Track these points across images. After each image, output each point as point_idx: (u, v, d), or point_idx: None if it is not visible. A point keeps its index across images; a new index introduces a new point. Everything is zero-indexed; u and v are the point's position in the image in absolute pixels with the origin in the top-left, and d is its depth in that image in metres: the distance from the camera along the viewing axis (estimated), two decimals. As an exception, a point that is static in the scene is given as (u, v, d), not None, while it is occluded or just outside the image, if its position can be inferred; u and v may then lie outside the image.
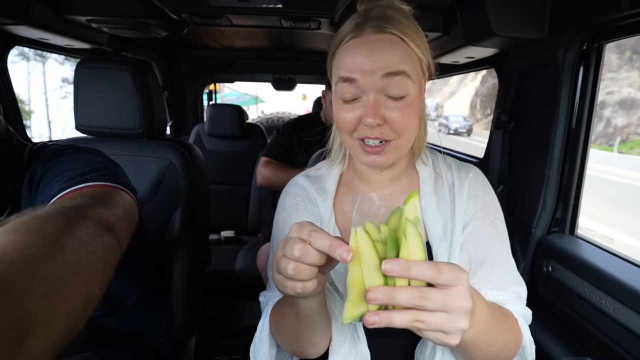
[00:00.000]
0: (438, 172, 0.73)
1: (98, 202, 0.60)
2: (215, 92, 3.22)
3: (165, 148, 1.21)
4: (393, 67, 0.58)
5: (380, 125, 0.60)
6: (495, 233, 0.69)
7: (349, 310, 0.44)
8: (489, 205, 0.70)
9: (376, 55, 0.58)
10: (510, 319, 0.63)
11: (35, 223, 0.42)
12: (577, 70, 1.16)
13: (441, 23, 1.52)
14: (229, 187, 2.43)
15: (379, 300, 0.40)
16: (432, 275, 0.40)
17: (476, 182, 0.71)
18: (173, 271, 1.16)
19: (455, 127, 21.70)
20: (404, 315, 0.40)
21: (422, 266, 0.40)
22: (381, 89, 0.59)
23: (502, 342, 0.57)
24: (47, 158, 0.79)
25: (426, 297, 0.40)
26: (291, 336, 0.64)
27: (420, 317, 0.40)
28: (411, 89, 0.60)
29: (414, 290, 0.40)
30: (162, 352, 1.06)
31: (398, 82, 0.59)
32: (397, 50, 0.59)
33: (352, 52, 0.60)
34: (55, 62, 11.09)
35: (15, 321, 0.31)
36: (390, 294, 0.40)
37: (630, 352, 0.90)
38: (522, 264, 1.28)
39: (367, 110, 0.59)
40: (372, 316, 0.41)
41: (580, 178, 1.20)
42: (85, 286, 0.41)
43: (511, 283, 0.69)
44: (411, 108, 0.61)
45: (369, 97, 0.59)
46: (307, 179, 0.78)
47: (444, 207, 0.68)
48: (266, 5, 1.24)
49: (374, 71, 0.58)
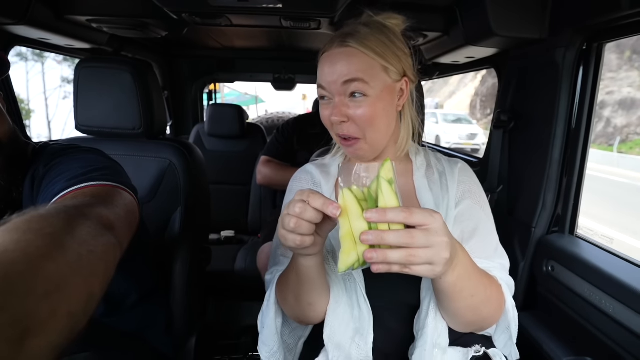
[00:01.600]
0: (429, 163, 0.84)
1: (99, 201, 0.60)
2: (215, 92, 3.22)
3: (165, 148, 1.21)
4: (349, 75, 0.71)
5: (345, 122, 0.73)
6: (482, 212, 0.79)
7: (343, 260, 0.53)
8: (476, 190, 0.81)
9: (336, 67, 0.72)
10: (493, 280, 0.70)
11: (37, 222, 0.42)
12: (577, 70, 1.16)
13: (441, 23, 1.52)
14: (229, 187, 2.43)
15: (371, 240, 0.49)
16: (405, 216, 0.48)
17: (465, 170, 0.83)
18: (173, 271, 1.16)
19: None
20: (398, 252, 0.48)
21: (395, 211, 0.49)
22: (343, 92, 0.72)
23: (484, 295, 0.64)
24: (49, 157, 0.79)
25: (411, 236, 0.48)
26: (293, 298, 0.72)
27: (411, 252, 0.48)
28: (368, 90, 0.71)
29: (401, 232, 0.49)
30: (162, 351, 1.06)
31: (356, 87, 0.71)
32: (353, 61, 0.71)
33: (322, 65, 0.75)
34: (54, 62, 11.09)
35: (16, 320, 0.31)
36: (381, 235, 0.49)
37: (630, 352, 0.90)
38: (522, 264, 1.28)
39: (332, 110, 0.74)
40: (370, 252, 0.48)
41: (580, 178, 1.20)
42: (86, 286, 0.41)
43: (497, 255, 0.78)
44: (371, 107, 0.72)
45: (334, 98, 0.74)
46: (314, 165, 0.90)
47: (435, 188, 0.79)
48: (266, 5, 1.24)
49: (335, 80, 0.72)
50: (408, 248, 0.48)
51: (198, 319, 1.28)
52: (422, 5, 1.45)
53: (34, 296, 0.34)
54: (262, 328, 0.79)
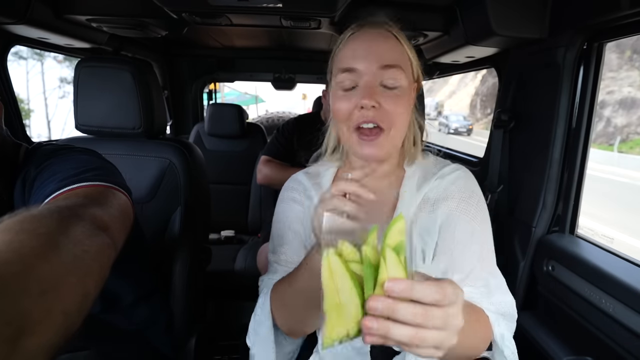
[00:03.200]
0: (425, 170, 0.78)
1: (93, 201, 0.60)
2: (215, 91, 3.22)
3: (165, 147, 1.21)
4: (389, 60, 0.65)
5: (375, 108, 0.65)
6: (474, 224, 0.71)
7: (328, 335, 0.42)
8: (469, 199, 0.73)
9: (374, 47, 0.66)
10: (482, 319, 0.65)
11: (29, 223, 0.42)
12: (577, 70, 1.16)
13: (441, 22, 1.52)
14: (229, 186, 2.43)
15: (379, 309, 0.39)
16: (437, 298, 0.39)
17: (457, 178, 0.75)
18: (173, 271, 1.16)
19: (456, 127, 21.68)
20: (404, 329, 0.38)
21: (426, 288, 0.38)
22: (377, 78, 0.66)
23: (472, 343, 0.60)
24: (41, 159, 0.78)
25: (428, 316, 0.38)
26: (287, 312, 0.70)
27: (421, 334, 0.39)
28: (404, 82, 0.67)
29: (419, 307, 0.38)
30: (163, 351, 1.06)
31: (393, 74, 0.65)
32: (392, 45, 0.67)
33: (353, 44, 0.68)
34: (54, 62, 11.09)
35: (11, 320, 0.31)
36: (392, 306, 0.38)
37: (630, 352, 0.90)
38: (522, 264, 1.28)
39: (363, 92, 0.65)
40: (371, 321, 0.39)
41: (581, 177, 1.20)
42: (81, 285, 0.41)
43: (491, 275, 0.71)
44: (403, 100, 0.67)
45: (365, 82, 0.66)
46: (305, 175, 0.84)
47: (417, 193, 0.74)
48: (266, 5, 1.24)
49: (372, 61, 0.65)
50: (418, 327, 0.39)
51: (198, 319, 1.28)
52: (422, 5, 1.45)
53: (29, 296, 0.34)
54: (254, 338, 0.75)
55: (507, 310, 0.70)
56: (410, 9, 1.49)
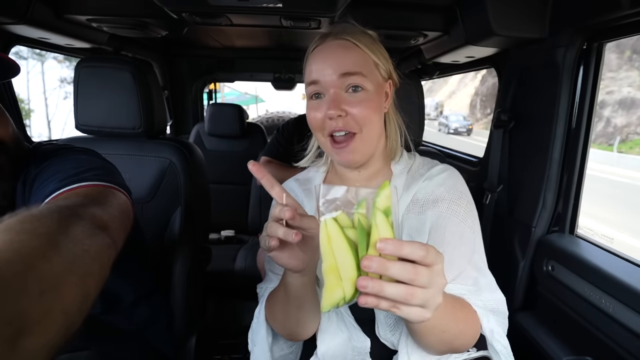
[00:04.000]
0: (412, 170, 0.80)
1: (92, 201, 0.60)
2: (215, 91, 3.22)
3: (165, 147, 1.21)
4: (348, 68, 0.69)
5: (342, 116, 0.69)
6: (463, 225, 0.73)
7: (327, 297, 0.46)
8: (458, 201, 0.74)
9: (333, 59, 0.70)
10: (468, 310, 0.67)
11: (30, 222, 0.42)
12: (577, 70, 1.16)
13: (441, 22, 1.52)
14: (229, 186, 2.43)
15: (374, 267, 0.42)
16: (421, 255, 0.43)
17: (446, 179, 0.76)
18: (173, 270, 1.16)
19: (455, 127, 21.68)
20: (397, 287, 0.42)
21: (413, 245, 0.43)
22: (340, 86, 0.69)
23: (456, 329, 0.61)
24: (41, 158, 0.78)
25: (417, 272, 0.42)
26: (282, 315, 0.71)
27: (411, 290, 0.42)
28: (367, 85, 0.70)
29: (407, 265, 0.42)
30: (163, 350, 1.06)
31: (354, 80, 0.69)
32: (352, 53, 0.70)
33: (315, 60, 0.72)
34: (54, 61, 11.08)
35: (11, 320, 0.31)
36: (385, 264, 0.42)
37: (630, 352, 0.90)
38: (522, 263, 1.28)
39: (328, 103, 0.69)
40: (365, 280, 0.42)
41: (580, 177, 1.20)
42: (81, 285, 0.41)
43: (480, 273, 0.72)
44: (369, 102, 0.70)
45: (329, 93, 0.70)
46: (296, 182, 0.87)
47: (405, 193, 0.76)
48: (266, 5, 1.24)
49: (332, 72, 0.69)
50: (408, 285, 0.43)
51: (198, 319, 1.28)
52: (422, 5, 1.45)
53: (29, 295, 0.34)
54: (252, 346, 0.78)
55: (497, 307, 0.71)
56: (410, 9, 1.49)
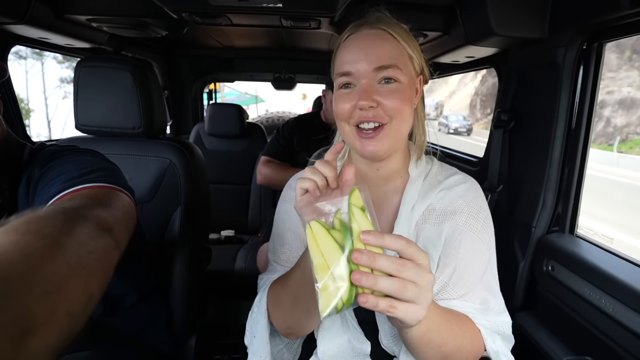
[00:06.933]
0: (430, 176, 0.77)
1: (97, 203, 0.60)
2: (215, 91, 3.22)
3: (165, 147, 1.21)
4: (385, 61, 0.66)
5: (374, 107, 0.66)
6: (480, 242, 0.71)
7: (324, 300, 0.46)
8: (477, 215, 0.72)
9: (369, 50, 0.67)
10: (468, 327, 0.65)
11: (35, 223, 0.42)
12: (577, 70, 1.16)
13: (441, 22, 1.52)
14: (229, 186, 2.43)
15: (364, 260, 0.44)
16: (402, 244, 0.45)
17: (466, 191, 0.74)
18: (173, 270, 1.16)
19: (455, 127, 21.68)
20: (389, 279, 0.44)
21: (394, 237, 0.46)
22: (373, 78, 0.67)
23: (454, 344, 0.60)
24: (45, 160, 0.78)
25: (403, 264, 0.44)
26: (290, 302, 0.67)
27: (403, 283, 0.44)
28: (401, 77, 0.67)
29: (393, 257, 0.45)
30: (163, 351, 1.06)
31: (389, 73, 0.67)
32: (388, 45, 0.67)
33: (349, 48, 0.69)
34: (54, 61, 11.08)
35: (15, 320, 0.31)
36: (374, 255, 0.44)
37: (630, 352, 0.90)
38: (522, 264, 1.28)
39: (361, 94, 0.66)
40: (360, 274, 0.44)
41: (580, 177, 1.20)
42: (85, 286, 0.41)
43: (490, 294, 0.70)
44: (402, 93, 0.68)
45: (361, 83, 0.67)
46: None
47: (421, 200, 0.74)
48: (266, 5, 1.24)
49: (366, 65, 0.66)
50: (399, 278, 0.44)
51: (198, 319, 1.28)
52: (422, 5, 1.45)
53: (33, 296, 0.34)
54: (252, 337, 0.75)
55: (503, 330, 0.70)
56: (410, 9, 1.49)
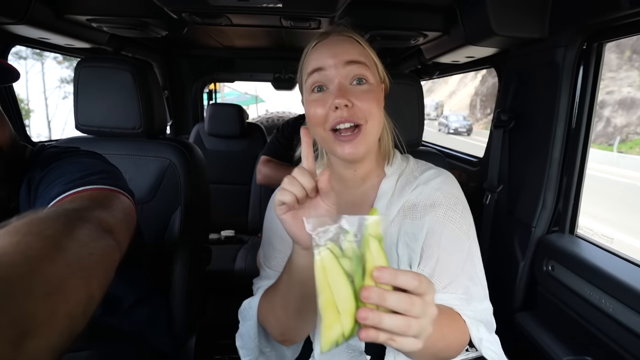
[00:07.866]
0: (406, 172, 0.80)
1: (98, 205, 0.60)
2: (215, 91, 3.22)
3: (165, 147, 1.21)
4: (352, 57, 0.69)
5: (349, 107, 0.67)
6: (459, 232, 0.73)
7: (325, 334, 0.44)
8: (455, 207, 0.74)
9: (338, 48, 0.70)
10: (456, 322, 0.67)
11: (36, 225, 0.42)
12: (577, 70, 1.16)
13: (441, 22, 1.52)
14: (229, 186, 2.43)
15: (373, 298, 0.42)
16: (415, 285, 0.43)
17: (441, 183, 0.76)
18: (173, 270, 1.16)
19: (455, 127, 21.68)
20: (395, 318, 0.42)
21: (407, 275, 0.43)
22: (345, 76, 0.69)
23: (442, 344, 0.61)
24: (46, 162, 0.78)
25: (411, 302, 0.43)
26: (282, 306, 0.68)
27: (408, 322, 0.42)
28: (370, 78, 0.70)
29: (402, 295, 0.43)
30: (163, 351, 1.06)
31: (359, 69, 0.69)
32: (355, 46, 0.71)
33: (318, 50, 0.72)
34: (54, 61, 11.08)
35: (16, 321, 0.31)
36: (383, 294, 0.42)
37: (630, 352, 0.90)
38: (522, 264, 1.28)
39: (336, 92, 0.68)
40: (365, 311, 0.42)
41: (580, 177, 1.20)
42: (86, 288, 0.41)
43: (472, 282, 0.72)
44: (373, 94, 0.70)
45: (335, 82, 0.69)
46: None
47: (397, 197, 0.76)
48: (266, 5, 1.24)
49: (336, 59, 0.69)
50: (404, 316, 0.43)
51: (198, 319, 1.28)
52: (422, 5, 1.45)
53: (34, 297, 0.34)
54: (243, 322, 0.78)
55: (486, 318, 0.71)
56: (410, 9, 1.49)
